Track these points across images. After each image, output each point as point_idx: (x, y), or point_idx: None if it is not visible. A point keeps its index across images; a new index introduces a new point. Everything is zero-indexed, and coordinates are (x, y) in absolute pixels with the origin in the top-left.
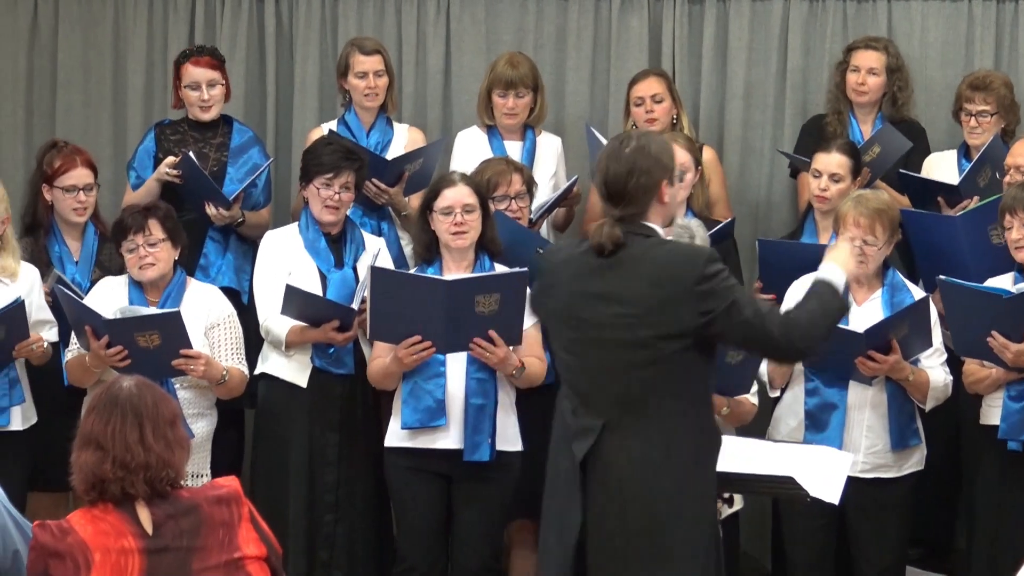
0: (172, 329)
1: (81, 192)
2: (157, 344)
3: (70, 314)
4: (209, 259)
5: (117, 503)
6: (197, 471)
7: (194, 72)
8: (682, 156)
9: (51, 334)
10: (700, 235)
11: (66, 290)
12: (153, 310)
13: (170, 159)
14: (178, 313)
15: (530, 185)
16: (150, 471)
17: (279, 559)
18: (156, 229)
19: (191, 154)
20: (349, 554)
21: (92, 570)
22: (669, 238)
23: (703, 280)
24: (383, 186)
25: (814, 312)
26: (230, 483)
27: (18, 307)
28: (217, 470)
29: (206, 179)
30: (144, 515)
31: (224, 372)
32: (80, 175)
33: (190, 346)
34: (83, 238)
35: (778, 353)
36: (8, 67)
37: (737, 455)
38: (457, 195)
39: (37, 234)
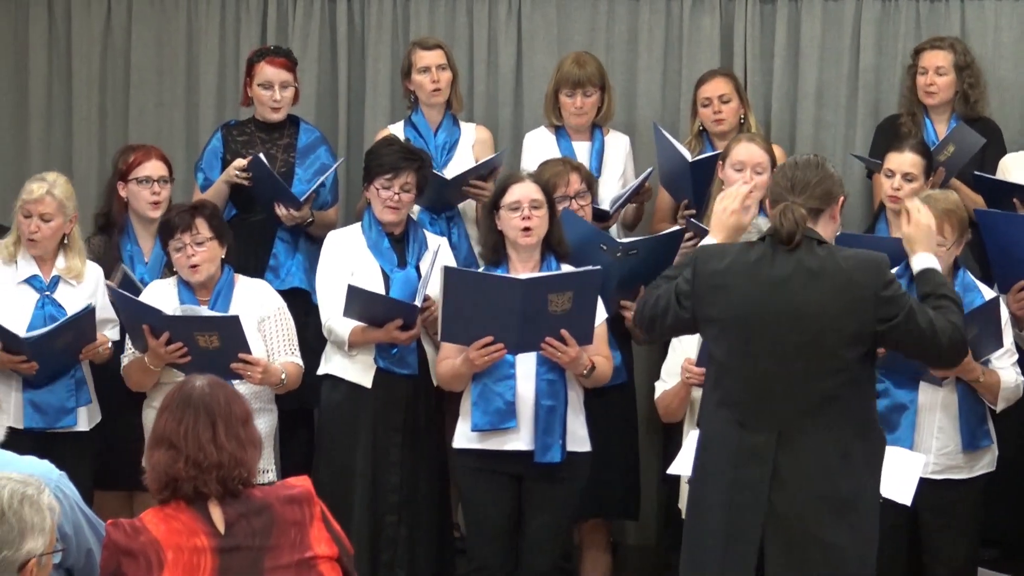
0: (232, 333)
1: (156, 184)
2: (216, 346)
3: (126, 315)
4: (279, 260)
5: (190, 502)
6: (264, 466)
7: (268, 72)
8: (759, 155)
9: (114, 332)
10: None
11: (123, 291)
12: (213, 312)
13: (240, 161)
14: (237, 319)
15: (590, 183)
16: (223, 470)
17: (351, 559)
18: (203, 228)
19: (261, 156)
20: (411, 555)
21: (164, 569)
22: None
23: (887, 286)
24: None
25: (955, 314)
26: (302, 483)
27: (89, 314)
28: (288, 470)
29: (277, 180)
30: (216, 514)
31: (282, 375)
32: (154, 167)
33: (249, 351)
34: (155, 239)
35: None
36: (82, 69)
37: None
38: (525, 191)
39: (111, 233)
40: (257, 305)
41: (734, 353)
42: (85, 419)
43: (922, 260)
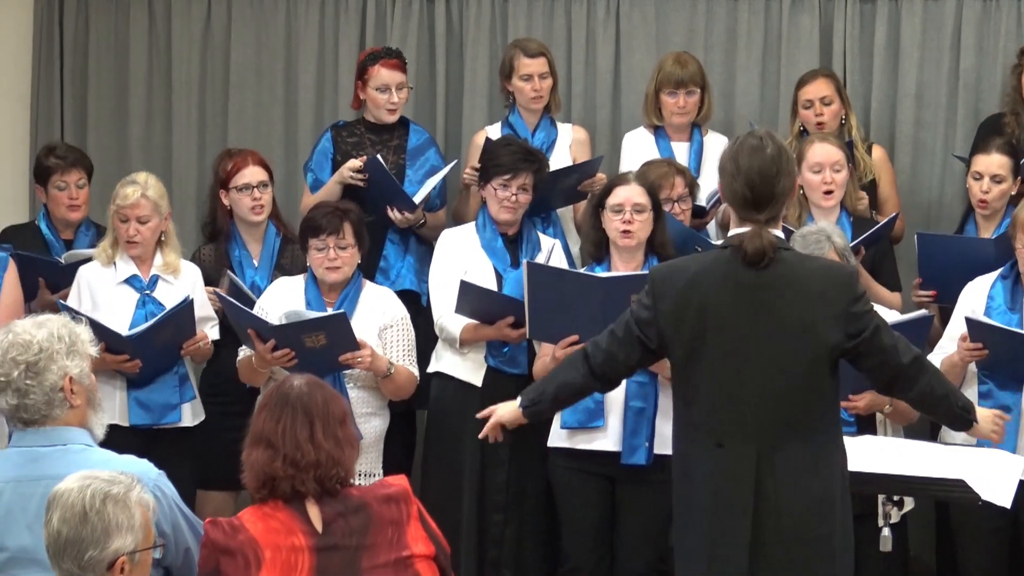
0: (338, 330)
1: (255, 190)
2: (323, 344)
3: (235, 321)
4: (389, 262)
5: (287, 501)
6: (370, 470)
7: (384, 74)
8: (835, 154)
9: (213, 332)
10: (837, 237)
11: (231, 299)
12: (317, 313)
13: (354, 162)
14: (343, 315)
15: (692, 187)
16: (320, 469)
17: (448, 558)
18: (348, 233)
19: (378, 157)
20: (518, 554)
21: (263, 567)
22: (803, 250)
23: (856, 301)
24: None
25: (945, 385)
26: (399, 482)
27: (187, 306)
28: (388, 469)
29: (393, 182)
30: (314, 513)
31: (389, 364)
32: (253, 173)
33: (356, 344)
34: (263, 241)
35: (897, 385)
36: (182, 70)
37: (906, 458)
38: (629, 193)
39: (218, 241)
40: (380, 312)
41: (705, 371)
42: (189, 415)
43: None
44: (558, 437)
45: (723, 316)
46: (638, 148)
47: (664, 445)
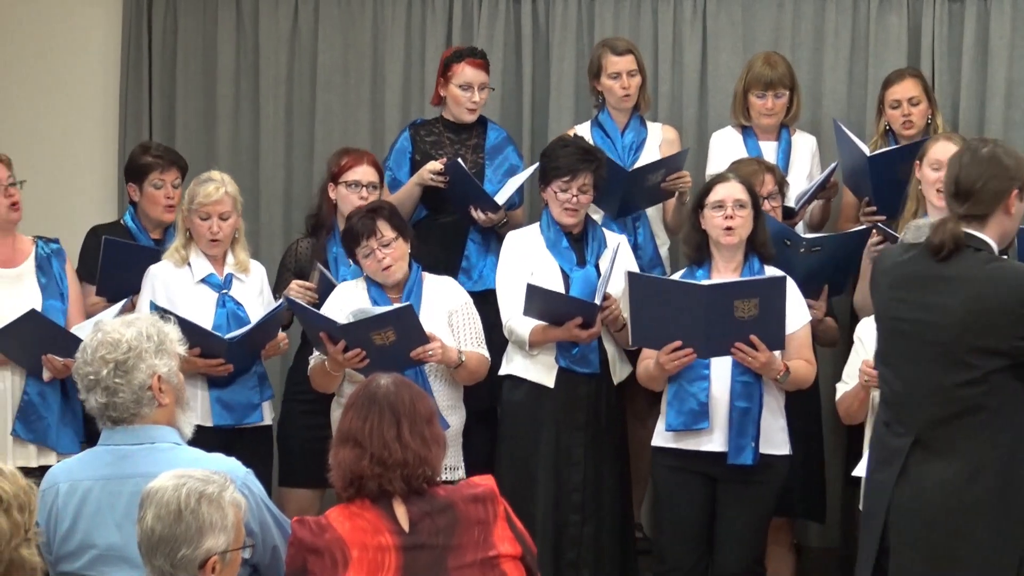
0: (406, 323)
1: (364, 189)
2: (393, 340)
3: (305, 323)
4: (471, 261)
5: (374, 500)
6: (453, 464)
7: (468, 73)
8: None
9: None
10: None
11: (299, 302)
12: (384, 308)
13: (435, 164)
14: (410, 307)
15: (782, 185)
16: (407, 468)
17: (534, 558)
18: (386, 229)
19: (459, 159)
20: (595, 555)
21: (350, 566)
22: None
23: None
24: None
25: None
26: (486, 482)
27: (282, 310)
28: (470, 467)
29: (475, 184)
30: (401, 512)
31: (460, 353)
32: (364, 172)
33: (425, 337)
34: None
35: None
36: (269, 69)
37: None
38: (729, 190)
39: (319, 235)
40: (445, 300)
41: (883, 356)
42: (269, 414)
43: None
44: (663, 438)
45: (894, 302)
46: (726, 147)
47: (769, 444)
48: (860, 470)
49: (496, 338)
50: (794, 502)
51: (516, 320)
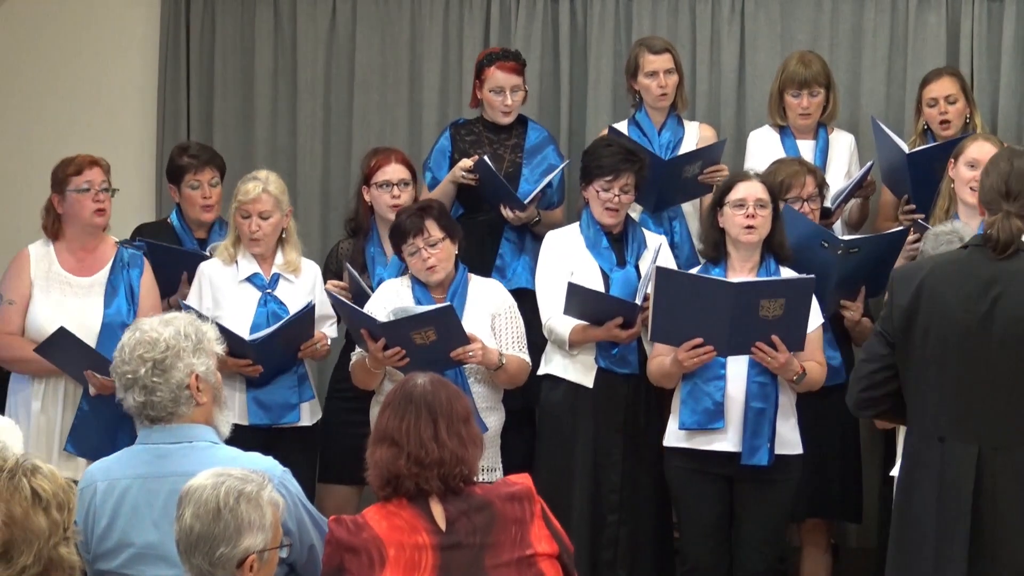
0: (447, 323)
1: (395, 187)
2: (433, 340)
3: (346, 319)
4: (505, 260)
5: (411, 499)
6: (491, 465)
7: (499, 76)
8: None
9: (331, 330)
10: (969, 235)
11: (340, 298)
12: (425, 307)
13: (465, 161)
14: (451, 307)
15: (822, 187)
16: (444, 467)
17: (571, 557)
18: (434, 228)
19: (486, 157)
20: (632, 554)
21: (386, 565)
22: (934, 249)
23: None
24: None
25: None
26: (523, 480)
27: (308, 312)
28: (508, 467)
29: (500, 182)
30: (438, 511)
31: (501, 356)
32: (394, 170)
33: (466, 337)
34: None
35: None
36: (307, 69)
37: None
38: (751, 189)
39: (358, 237)
40: (489, 302)
41: (937, 360)
42: (308, 415)
43: None
44: (676, 437)
45: (956, 307)
46: (763, 147)
47: (784, 445)
48: (896, 470)
49: (532, 337)
50: (831, 503)
51: (556, 319)
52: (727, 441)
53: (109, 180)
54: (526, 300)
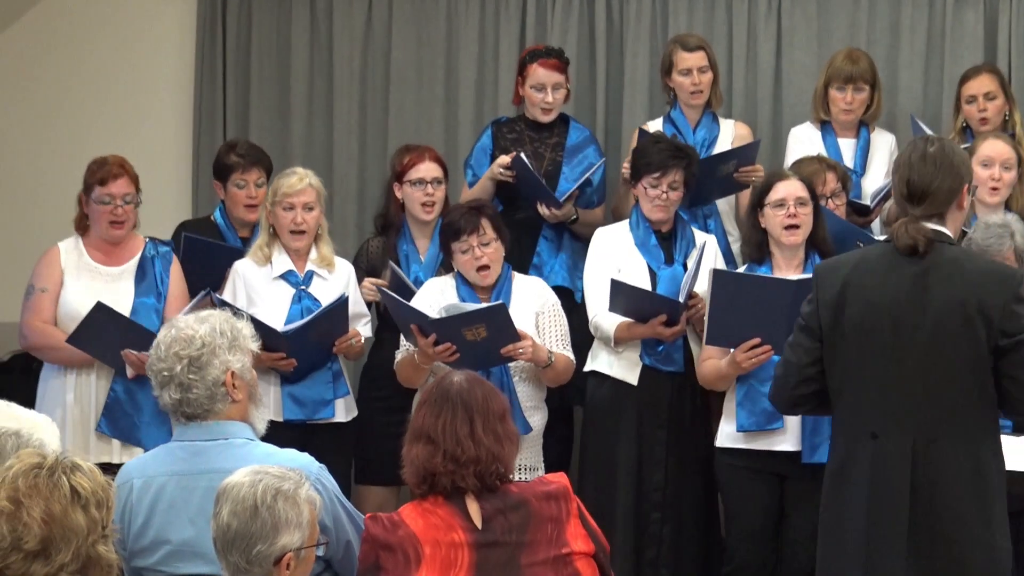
0: (498, 321)
1: (429, 185)
2: (484, 336)
3: (395, 314)
4: (542, 258)
5: (447, 497)
6: (532, 464)
7: (541, 74)
8: (1007, 152)
9: (366, 329)
10: (1020, 236)
11: (392, 294)
12: (477, 305)
13: (503, 158)
14: (503, 305)
15: (845, 182)
16: (480, 465)
17: (607, 556)
18: (488, 228)
19: (522, 155)
20: (675, 553)
21: (422, 563)
22: (983, 239)
23: (1018, 300)
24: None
25: None
26: (559, 479)
27: (342, 304)
28: (547, 466)
29: (536, 179)
30: (474, 509)
31: (550, 353)
32: (427, 169)
33: (517, 334)
34: (431, 238)
35: None
36: (343, 66)
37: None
38: (790, 188)
39: (388, 234)
40: (533, 300)
41: (867, 361)
42: (343, 411)
43: None
44: (731, 438)
45: (881, 303)
46: (804, 143)
47: None
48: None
49: (572, 338)
50: None
51: (602, 316)
52: (786, 441)
53: (136, 189)
54: (563, 298)
